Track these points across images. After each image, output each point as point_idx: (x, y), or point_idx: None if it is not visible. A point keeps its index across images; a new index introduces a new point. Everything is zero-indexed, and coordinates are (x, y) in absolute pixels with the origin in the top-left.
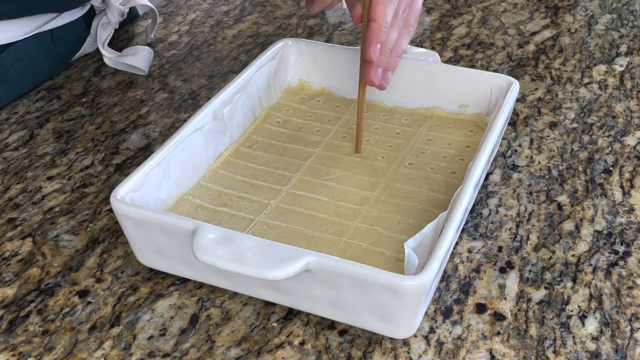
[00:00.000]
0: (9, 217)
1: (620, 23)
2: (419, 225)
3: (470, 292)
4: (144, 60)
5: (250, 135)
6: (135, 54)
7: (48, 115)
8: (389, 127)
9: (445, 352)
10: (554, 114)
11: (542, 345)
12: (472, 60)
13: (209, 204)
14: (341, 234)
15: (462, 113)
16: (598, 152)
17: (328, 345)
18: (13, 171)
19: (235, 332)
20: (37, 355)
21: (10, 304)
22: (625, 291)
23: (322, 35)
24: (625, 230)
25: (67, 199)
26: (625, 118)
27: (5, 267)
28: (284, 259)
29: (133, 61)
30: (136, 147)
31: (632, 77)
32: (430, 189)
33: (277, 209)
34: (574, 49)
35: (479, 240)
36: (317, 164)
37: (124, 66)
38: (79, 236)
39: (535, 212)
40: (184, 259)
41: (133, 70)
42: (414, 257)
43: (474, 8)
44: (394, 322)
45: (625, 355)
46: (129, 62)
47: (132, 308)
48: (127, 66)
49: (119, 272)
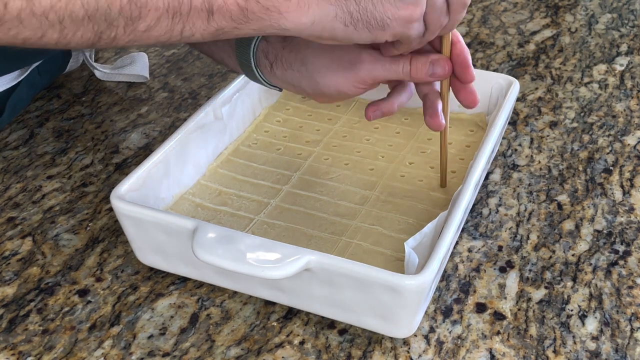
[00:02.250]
0: (9, 216)
1: (621, 22)
2: (419, 225)
3: (470, 291)
4: (144, 66)
5: (250, 134)
6: (133, 62)
7: (48, 114)
8: (389, 127)
9: (445, 351)
10: (554, 113)
11: (542, 344)
12: (472, 59)
13: (209, 203)
14: (341, 233)
15: (462, 112)
16: (598, 152)
17: (328, 345)
18: (13, 170)
19: (235, 331)
20: (37, 354)
21: (10, 303)
22: (625, 291)
23: None
24: (626, 230)
25: (67, 198)
26: (625, 117)
27: (5, 266)
28: (284, 258)
29: (133, 70)
30: (136, 146)
31: (632, 76)
32: (431, 189)
33: (277, 208)
34: (574, 48)
35: (479, 240)
36: (317, 163)
37: (124, 77)
38: (79, 235)
39: (536, 211)
40: (184, 258)
41: (133, 80)
42: (414, 257)
43: (474, 7)
44: (394, 321)
45: (625, 355)
46: (128, 72)
47: (132, 307)
48: (127, 76)
49: (119, 271)
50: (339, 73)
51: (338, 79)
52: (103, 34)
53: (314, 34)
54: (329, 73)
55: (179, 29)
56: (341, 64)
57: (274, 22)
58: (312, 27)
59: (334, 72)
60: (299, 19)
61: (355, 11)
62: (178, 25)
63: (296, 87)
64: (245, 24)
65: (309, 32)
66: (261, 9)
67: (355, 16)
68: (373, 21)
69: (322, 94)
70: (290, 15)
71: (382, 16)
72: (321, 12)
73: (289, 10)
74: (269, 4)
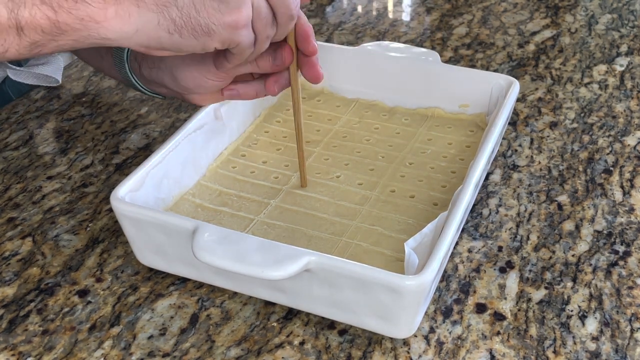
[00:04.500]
0: (9, 217)
1: (621, 23)
2: (419, 225)
3: (470, 292)
4: (57, 68)
5: (250, 134)
6: (46, 63)
7: (48, 115)
8: (389, 127)
9: (445, 352)
10: (554, 113)
11: (542, 345)
12: (472, 60)
13: (209, 204)
14: (341, 233)
15: (462, 113)
16: (598, 152)
17: (328, 345)
18: (13, 171)
19: (235, 331)
20: (37, 354)
21: (10, 304)
22: (625, 291)
23: (322, 35)
24: (626, 230)
25: (67, 199)
26: (625, 118)
27: (5, 267)
28: (284, 259)
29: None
30: (136, 146)
31: (632, 77)
32: (431, 189)
33: (277, 208)
34: (574, 48)
35: (479, 240)
36: (317, 163)
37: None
38: (79, 236)
39: (536, 212)
40: (184, 258)
41: (45, 83)
42: (414, 257)
43: (474, 8)
44: (394, 321)
45: (625, 355)
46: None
47: (132, 308)
48: (38, 78)
49: (119, 271)
50: (193, 67)
51: (193, 72)
52: None
53: (140, 43)
54: (185, 67)
55: None
56: (194, 57)
57: (93, 32)
58: (137, 36)
59: (189, 65)
60: (120, 28)
61: (178, 17)
62: None
63: (162, 85)
64: (61, 36)
65: (134, 41)
66: (74, 20)
67: (179, 23)
68: (198, 28)
69: (185, 89)
70: (110, 24)
71: (207, 22)
72: (142, 19)
73: (107, 19)
74: (82, 14)
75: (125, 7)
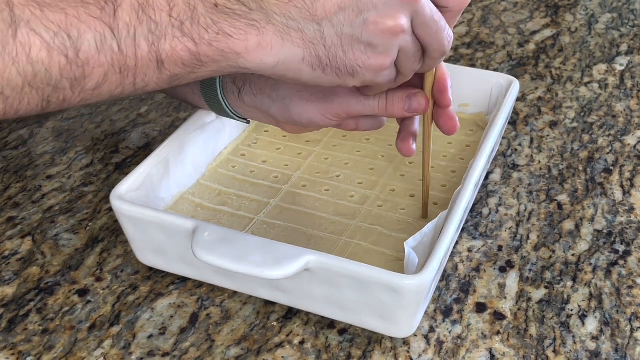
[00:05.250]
0: (9, 216)
1: (621, 22)
2: (419, 225)
3: (470, 291)
4: None
5: (250, 134)
6: None
7: (48, 114)
8: (389, 126)
9: (445, 351)
10: (554, 113)
11: (542, 344)
12: (472, 59)
13: (209, 203)
14: (341, 233)
15: (462, 112)
16: (598, 152)
17: (328, 345)
18: (12, 170)
19: (235, 331)
20: (37, 354)
21: (10, 303)
22: (625, 290)
23: None
24: (626, 230)
25: (66, 198)
26: (625, 117)
27: (5, 266)
28: (284, 258)
29: None
30: (136, 146)
31: (632, 76)
32: (431, 188)
33: (276, 207)
34: (574, 48)
35: (479, 240)
36: (317, 162)
37: None
38: (79, 235)
39: (536, 211)
40: (184, 258)
41: None
42: (414, 257)
43: (474, 7)
44: (394, 321)
45: (625, 354)
46: None
47: (131, 307)
48: None
49: (119, 271)
50: (312, 103)
51: (311, 108)
52: (51, 97)
53: (277, 73)
54: (302, 102)
55: (130, 81)
56: (315, 94)
57: (232, 62)
58: (276, 68)
59: (307, 101)
60: (260, 60)
61: (325, 56)
62: (128, 78)
63: (264, 113)
64: (201, 68)
65: (271, 72)
66: (215, 52)
67: (324, 61)
68: (343, 68)
69: (292, 122)
70: (251, 55)
71: (353, 64)
72: (287, 53)
73: (248, 51)
74: (223, 46)
75: (268, 39)
